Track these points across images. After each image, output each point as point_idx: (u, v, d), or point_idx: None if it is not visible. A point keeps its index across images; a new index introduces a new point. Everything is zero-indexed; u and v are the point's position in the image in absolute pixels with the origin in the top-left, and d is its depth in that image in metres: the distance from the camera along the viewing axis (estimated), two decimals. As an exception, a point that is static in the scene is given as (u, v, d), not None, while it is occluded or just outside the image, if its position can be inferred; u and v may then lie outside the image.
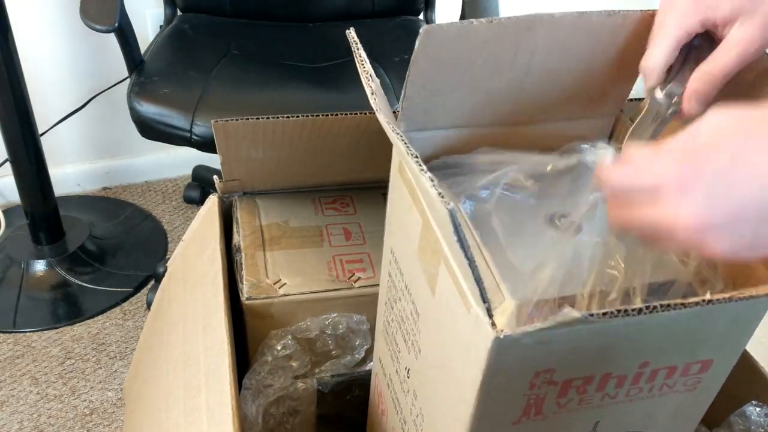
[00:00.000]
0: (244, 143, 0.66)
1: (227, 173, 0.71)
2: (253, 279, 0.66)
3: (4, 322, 1.29)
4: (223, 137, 0.64)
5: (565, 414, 0.41)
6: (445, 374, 0.43)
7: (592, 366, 0.39)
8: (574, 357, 0.38)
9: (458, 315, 0.39)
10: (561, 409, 0.41)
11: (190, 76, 1.11)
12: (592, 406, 0.42)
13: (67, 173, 1.62)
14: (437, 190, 0.35)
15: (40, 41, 1.44)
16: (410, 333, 0.48)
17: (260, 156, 0.68)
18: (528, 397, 0.39)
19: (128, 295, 1.37)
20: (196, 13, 1.32)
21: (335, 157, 0.71)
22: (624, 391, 0.41)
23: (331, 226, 0.74)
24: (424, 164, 0.38)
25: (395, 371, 0.54)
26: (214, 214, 0.71)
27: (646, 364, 0.40)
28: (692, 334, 0.40)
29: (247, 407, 0.62)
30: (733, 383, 0.47)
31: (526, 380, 0.38)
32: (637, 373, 0.41)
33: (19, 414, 1.14)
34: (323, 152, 0.69)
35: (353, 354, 0.67)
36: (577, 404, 0.41)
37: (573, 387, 0.40)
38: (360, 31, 0.52)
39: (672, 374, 0.42)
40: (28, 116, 1.27)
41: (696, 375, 0.42)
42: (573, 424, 0.43)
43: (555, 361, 0.38)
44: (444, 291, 0.41)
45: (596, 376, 0.40)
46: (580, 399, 0.41)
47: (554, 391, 0.39)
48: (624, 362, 0.40)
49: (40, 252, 1.41)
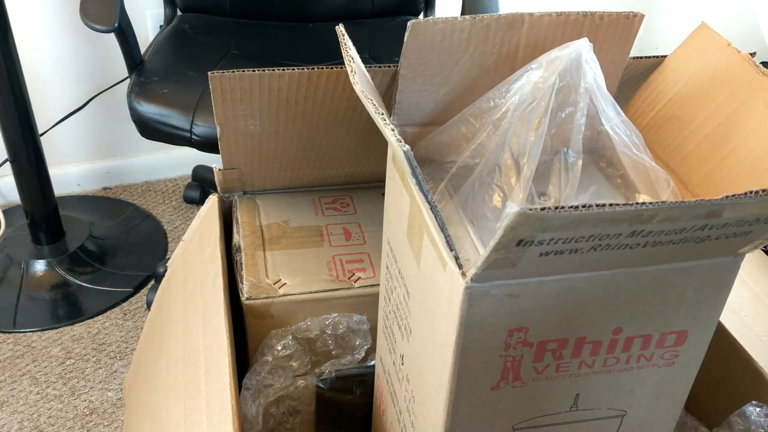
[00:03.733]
0: (241, 107, 0.65)
1: (226, 156, 0.71)
2: (253, 279, 0.66)
3: (4, 322, 1.29)
4: (219, 96, 0.64)
5: (544, 382, 0.42)
6: (430, 346, 0.43)
7: (566, 327, 0.40)
8: (546, 316, 0.39)
9: (437, 278, 0.40)
10: (539, 376, 0.42)
11: (190, 76, 1.11)
12: (570, 374, 0.43)
13: (67, 173, 1.62)
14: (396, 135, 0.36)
15: (40, 41, 1.45)
16: (403, 318, 0.49)
17: (257, 130, 0.67)
18: (505, 359, 0.40)
19: (128, 295, 1.37)
20: (196, 13, 1.32)
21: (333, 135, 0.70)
22: (601, 359, 0.42)
23: (331, 226, 0.74)
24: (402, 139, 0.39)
25: (392, 363, 0.54)
26: (214, 214, 0.71)
27: (619, 330, 0.41)
28: (662, 298, 0.40)
29: (247, 407, 0.62)
30: (733, 383, 0.47)
31: (501, 338, 0.39)
32: (612, 340, 0.42)
33: (19, 414, 1.14)
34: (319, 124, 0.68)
35: (353, 354, 0.67)
36: (554, 371, 0.42)
37: (548, 350, 0.41)
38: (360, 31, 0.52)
39: (648, 344, 0.43)
40: (28, 116, 1.27)
41: (672, 348, 0.43)
42: (553, 394, 0.44)
43: (528, 318, 0.39)
44: (427, 260, 0.42)
45: (570, 339, 0.41)
46: (558, 365, 0.42)
47: (530, 353, 0.41)
48: (597, 327, 0.41)
49: (40, 252, 1.41)
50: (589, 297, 0.39)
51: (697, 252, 0.38)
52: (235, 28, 1.30)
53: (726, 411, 0.57)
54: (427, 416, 0.46)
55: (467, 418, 0.43)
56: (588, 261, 0.36)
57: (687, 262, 0.39)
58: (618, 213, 0.31)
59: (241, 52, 1.21)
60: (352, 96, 0.64)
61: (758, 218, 0.35)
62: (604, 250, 0.35)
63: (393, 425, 0.56)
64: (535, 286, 0.38)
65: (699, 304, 0.42)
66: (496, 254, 0.34)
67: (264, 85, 0.63)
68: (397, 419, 0.54)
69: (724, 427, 0.57)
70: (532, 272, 0.37)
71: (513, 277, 0.37)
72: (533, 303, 0.38)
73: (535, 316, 0.39)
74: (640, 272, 0.39)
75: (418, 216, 0.43)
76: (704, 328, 0.43)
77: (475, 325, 0.38)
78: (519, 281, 0.37)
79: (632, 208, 0.31)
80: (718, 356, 0.59)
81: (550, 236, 0.33)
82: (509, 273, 0.36)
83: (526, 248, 0.33)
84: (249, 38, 1.26)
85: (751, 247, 0.39)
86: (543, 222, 0.31)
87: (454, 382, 0.41)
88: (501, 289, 0.37)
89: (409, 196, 0.44)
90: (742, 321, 0.61)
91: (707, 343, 0.44)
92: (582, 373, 0.43)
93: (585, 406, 0.45)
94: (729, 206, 0.33)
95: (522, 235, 0.32)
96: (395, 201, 0.49)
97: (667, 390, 0.46)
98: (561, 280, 0.38)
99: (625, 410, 0.46)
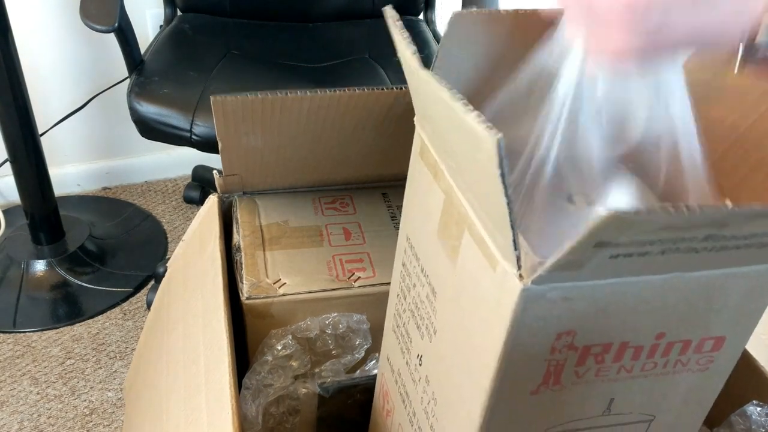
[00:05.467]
0: (243, 126, 0.65)
1: (227, 165, 0.71)
2: (253, 279, 0.66)
3: (4, 322, 1.29)
4: (221, 117, 0.64)
5: (583, 386, 0.42)
6: (463, 348, 0.43)
7: (612, 332, 0.39)
8: (595, 320, 0.38)
9: (482, 278, 0.39)
10: (579, 380, 0.41)
11: (190, 76, 1.11)
12: (609, 378, 0.42)
13: (67, 173, 1.62)
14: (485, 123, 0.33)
15: (40, 41, 1.45)
16: (425, 317, 0.48)
17: (259, 145, 0.67)
18: (549, 363, 0.39)
19: (128, 295, 1.37)
20: (196, 13, 1.32)
21: (334, 147, 0.70)
22: (640, 364, 0.42)
23: (330, 225, 0.74)
24: None
25: (405, 363, 0.54)
26: (213, 214, 0.71)
27: (662, 336, 0.40)
28: (708, 303, 0.40)
29: (247, 407, 0.62)
30: (734, 383, 0.47)
31: (549, 342, 0.38)
32: (653, 345, 0.41)
33: (19, 414, 1.14)
34: (321, 139, 0.69)
35: (353, 354, 0.67)
36: (594, 375, 0.41)
37: (592, 355, 0.40)
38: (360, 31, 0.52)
39: (686, 349, 0.42)
40: (28, 116, 1.27)
41: (709, 353, 0.43)
42: (589, 399, 0.43)
43: (577, 321, 0.38)
44: (467, 259, 0.41)
45: (614, 344, 0.40)
46: (598, 369, 0.41)
47: (574, 357, 0.40)
48: (642, 331, 0.40)
49: (40, 252, 1.41)
50: (640, 301, 0.38)
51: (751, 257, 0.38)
52: (235, 28, 1.30)
53: (726, 410, 0.57)
54: (455, 419, 0.45)
55: (503, 422, 0.42)
56: (651, 264, 0.36)
57: (737, 268, 0.39)
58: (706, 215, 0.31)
59: (241, 52, 1.21)
60: (354, 115, 0.64)
61: None
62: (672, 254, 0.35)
63: (402, 426, 0.56)
64: (589, 289, 0.36)
65: (741, 310, 0.41)
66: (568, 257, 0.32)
67: (266, 107, 0.63)
68: (410, 421, 0.54)
69: (725, 427, 0.57)
70: (592, 275, 0.36)
71: (571, 280, 0.36)
72: (585, 307, 0.37)
73: (585, 319, 0.38)
74: (692, 277, 0.38)
75: (458, 212, 0.41)
76: (742, 334, 0.43)
77: (525, 328, 0.37)
78: (576, 284, 0.36)
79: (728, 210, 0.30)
80: (718, 356, 0.59)
81: (630, 239, 0.32)
82: (570, 276, 0.35)
83: (601, 250, 0.33)
84: (249, 38, 1.27)
85: None
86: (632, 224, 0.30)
87: (495, 385, 0.39)
88: (557, 292, 0.36)
89: (444, 193, 0.44)
90: (743, 321, 0.61)
91: (742, 349, 0.44)
92: (620, 377, 0.42)
93: (618, 411, 0.44)
94: None
95: (604, 237, 0.31)
96: (422, 198, 0.48)
97: (697, 395, 0.46)
98: (616, 283, 0.37)
99: (654, 415, 0.46)
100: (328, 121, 0.65)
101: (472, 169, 0.38)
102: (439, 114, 0.40)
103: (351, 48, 1.24)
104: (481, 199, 0.38)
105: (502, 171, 0.32)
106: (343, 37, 1.29)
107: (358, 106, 0.64)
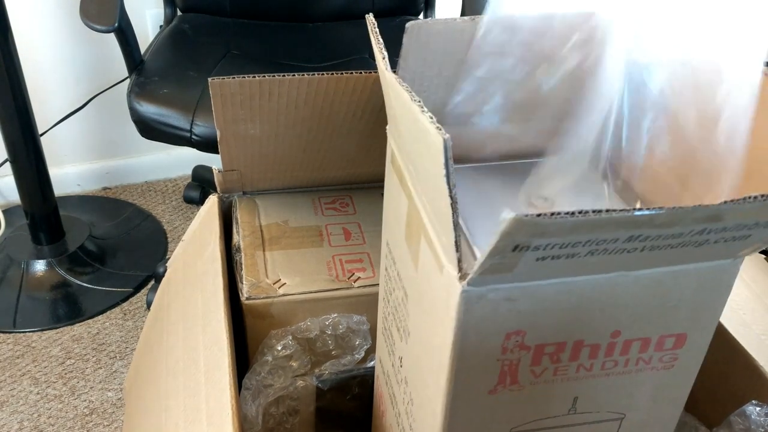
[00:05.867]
0: (241, 112, 0.65)
1: (226, 158, 0.71)
2: (253, 279, 0.66)
3: (4, 322, 1.29)
4: (219, 101, 0.63)
5: (542, 386, 0.42)
6: (428, 349, 0.43)
7: (563, 331, 0.40)
8: (544, 319, 0.39)
9: (434, 281, 0.40)
10: (537, 379, 0.42)
11: (190, 76, 1.11)
12: (569, 378, 0.42)
13: (67, 173, 1.62)
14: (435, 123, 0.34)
15: (40, 41, 1.45)
16: (402, 319, 0.49)
17: (257, 133, 0.67)
18: (502, 363, 0.40)
19: (128, 295, 1.37)
20: (196, 13, 1.32)
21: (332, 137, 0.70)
22: (599, 363, 0.42)
23: (330, 225, 0.74)
24: None
25: (391, 365, 0.54)
26: (213, 214, 0.71)
27: (618, 333, 0.41)
28: (661, 300, 0.40)
29: (247, 407, 0.62)
30: (733, 382, 0.47)
31: (498, 342, 0.39)
32: (610, 343, 0.41)
33: (19, 414, 1.14)
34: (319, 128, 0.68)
35: (353, 354, 0.67)
36: (552, 374, 0.42)
37: (546, 354, 0.41)
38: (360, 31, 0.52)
39: (646, 347, 0.42)
40: (28, 116, 1.27)
41: (671, 351, 0.43)
42: (551, 399, 0.43)
43: (525, 322, 0.39)
44: (424, 263, 0.42)
45: (568, 343, 0.40)
46: (555, 369, 0.42)
47: (527, 357, 0.40)
48: (595, 330, 0.41)
49: (40, 252, 1.41)
50: (587, 300, 0.39)
51: (696, 255, 0.38)
52: (235, 28, 1.30)
53: (726, 410, 0.57)
54: (425, 419, 0.46)
55: (465, 421, 0.43)
56: (585, 265, 0.36)
57: (685, 265, 0.39)
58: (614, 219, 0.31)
59: (241, 52, 1.21)
60: (351, 100, 0.64)
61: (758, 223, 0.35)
62: (602, 255, 0.35)
63: (392, 427, 0.56)
64: (532, 290, 0.37)
65: (698, 307, 0.42)
66: (491, 260, 0.33)
67: (264, 91, 0.63)
68: (396, 422, 0.54)
69: (724, 427, 0.57)
70: (529, 276, 0.37)
71: (510, 281, 0.37)
72: (530, 307, 0.38)
73: (533, 319, 0.39)
74: (639, 275, 0.39)
75: (416, 218, 0.42)
76: (703, 331, 0.43)
77: (471, 328, 0.38)
78: (516, 285, 0.37)
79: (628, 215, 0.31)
80: (717, 356, 0.59)
81: (546, 242, 0.33)
82: (506, 277, 0.36)
83: (522, 253, 0.33)
84: (249, 38, 1.27)
85: (751, 250, 0.39)
86: (538, 228, 0.31)
87: (451, 385, 0.41)
88: (498, 293, 0.37)
89: (407, 198, 0.44)
90: (742, 320, 0.61)
91: (706, 346, 0.44)
92: (580, 376, 0.43)
93: (583, 410, 0.45)
94: (728, 211, 0.33)
95: (518, 240, 0.32)
96: (393, 203, 0.49)
97: (666, 393, 0.46)
98: (558, 283, 0.38)
99: (624, 413, 0.46)
100: (326, 107, 0.65)
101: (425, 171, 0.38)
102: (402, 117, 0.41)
103: (351, 48, 1.24)
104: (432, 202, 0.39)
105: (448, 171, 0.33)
106: (343, 37, 1.29)
107: (356, 90, 0.64)
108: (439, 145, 0.33)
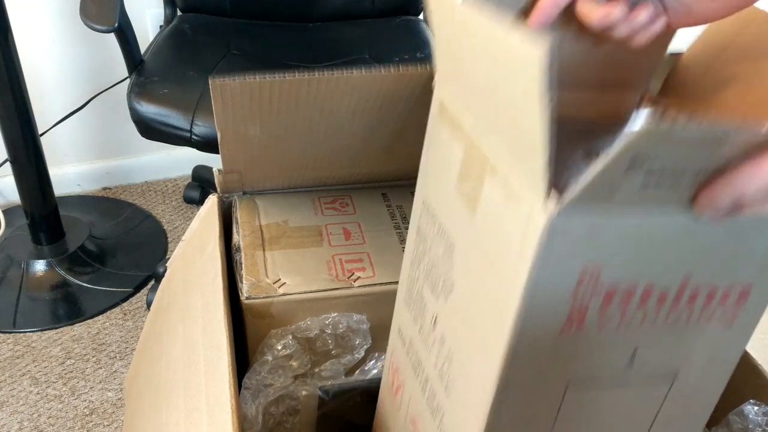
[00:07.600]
0: (241, 112, 0.65)
1: (226, 159, 0.71)
2: (253, 278, 0.66)
3: (4, 322, 1.30)
4: (220, 102, 0.63)
5: (606, 333, 0.41)
6: (484, 294, 0.42)
7: (638, 271, 0.39)
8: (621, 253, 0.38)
9: (505, 219, 0.39)
10: (603, 326, 0.41)
11: (190, 76, 1.11)
12: (632, 326, 0.42)
13: (67, 173, 1.63)
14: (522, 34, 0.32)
15: (40, 41, 1.45)
16: (440, 276, 0.49)
17: (258, 133, 0.67)
18: (572, 304, 0.39)
19: (128, 295, 1.37)
20: (196, 13, 1.32)
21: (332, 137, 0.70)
22: (664, 313, 0.42)
23: (330, 225, 0.74)
24: None
25: (418, 330, 0.54)
26: (213, 214, 0.71)
27: (688, 278, 0.40)
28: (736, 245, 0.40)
29: (247, 407, 0.62)
30: (732, 382, 0.47)
31: (572, 280, 0.38)
32: (678, 291, 0.41)
33: (19, 414, 1.14)
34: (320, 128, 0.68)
35: (353, 354, 0.67)
36: (617, 323, 0.41)
37: (616, 298, 0.40)
38: (360, 31, 0.52)
39: (711, 299, 0.42)
40: (28, 116, 1.28)
41: (734, 306, 0.43)
42: (613, 348, 0.43)
43: (603, 253, 0.37)
44: (488, 203, 0.41)
45: (639, 286, 0.40)
46: (621, 315, 0.41)
47: (597, 300, 0.39)
48: (668, 272, 0.40)
49: (40, 252, 1.41)
50: (667, 237, 0.38)
51: None
52: (235, 28, 1.30)
53: (724, 410, 0.57)
54: (471, 373, 0.45)
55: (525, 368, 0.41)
56: (680, 199, 0.36)
57: None
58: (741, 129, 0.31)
59: (241, 52, 1.21)
60: (351, 99, 0.65)
61: None
62: None
63: (413, 399, 0.56)
64: (618, 219, 0.36)
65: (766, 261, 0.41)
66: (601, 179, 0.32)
67: (264, 91, 0.63)
68: (422, 388, 0.53)
69: (723, 426, 0.57)
70: (623, 204, 0.35)
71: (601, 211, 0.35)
72: (610, 242, 0.37)
73: (611, 253, 0.38)
74: None
75: (478, 159, 0.42)
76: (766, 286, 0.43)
77: (549, 264, 0.36)
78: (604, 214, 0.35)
79: None
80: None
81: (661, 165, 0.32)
82: (599, 207, 0.34)
83: (632, 176, 0.32)
84: (249, 38, 1.27)
85: None
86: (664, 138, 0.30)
87: (518, 328, 0.39)
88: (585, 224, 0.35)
89: (463, 143, 0.44)
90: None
91: (764, 307, 0.44)
92: (644, 327, 0.42)
93: (641, 364, 0.44)
94: None
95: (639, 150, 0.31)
96: (440, 156, 0.49)
97: (722, 353, 0.45)
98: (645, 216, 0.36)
99: (677, 372, 0.45)
100: (326, 107, 0.65)
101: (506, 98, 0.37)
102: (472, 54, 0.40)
103: (351, 48, 1.24)
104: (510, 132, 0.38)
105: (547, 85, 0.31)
106: (343, 37, 1.29)
107: (356, 90, 0.64)
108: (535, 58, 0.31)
